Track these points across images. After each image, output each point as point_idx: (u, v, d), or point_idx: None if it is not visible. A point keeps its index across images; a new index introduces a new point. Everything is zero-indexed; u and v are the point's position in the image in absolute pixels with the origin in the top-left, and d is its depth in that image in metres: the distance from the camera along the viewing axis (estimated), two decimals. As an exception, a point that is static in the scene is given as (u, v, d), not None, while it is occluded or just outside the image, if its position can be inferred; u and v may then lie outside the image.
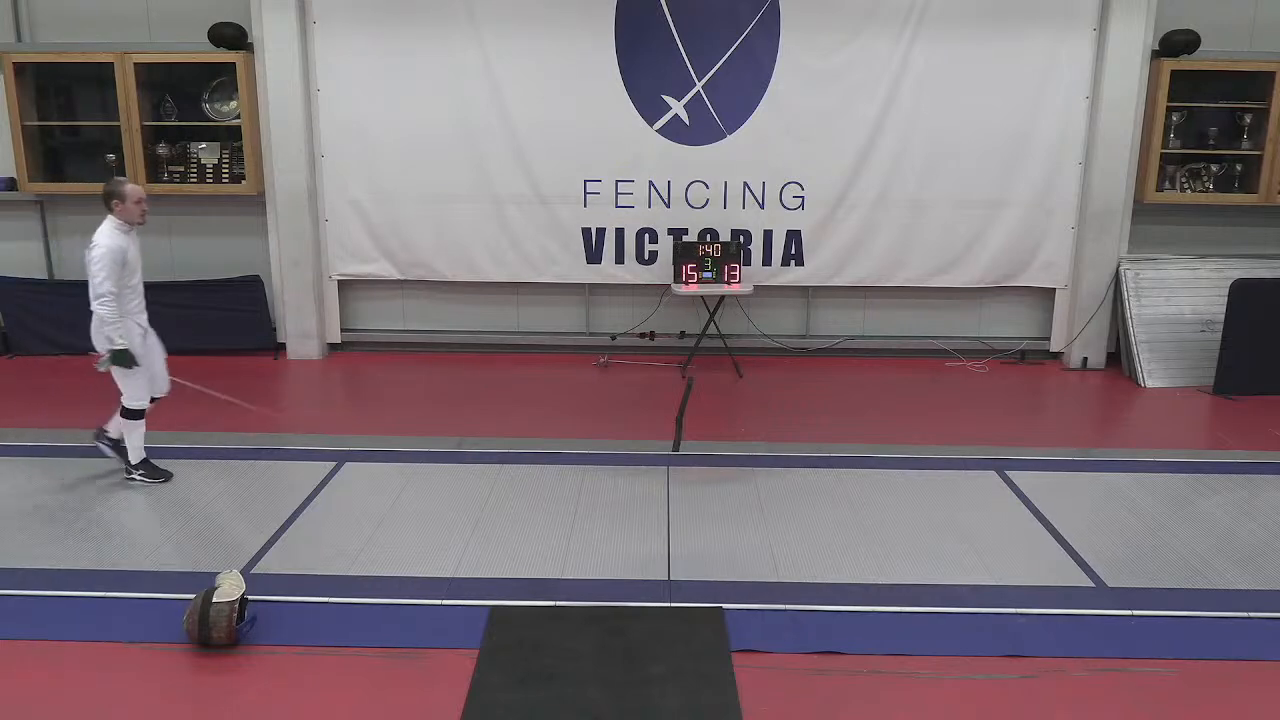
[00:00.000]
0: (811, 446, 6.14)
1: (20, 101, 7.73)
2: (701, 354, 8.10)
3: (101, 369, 5.21)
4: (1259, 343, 7.36)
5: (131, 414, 5.37)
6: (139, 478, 5.45)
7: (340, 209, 8.12)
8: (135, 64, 7.64)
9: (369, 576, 4.45)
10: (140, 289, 5.35)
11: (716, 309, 8.09)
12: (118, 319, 5.13)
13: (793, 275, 8.20)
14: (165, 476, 5.48)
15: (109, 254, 5.05)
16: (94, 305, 5.10)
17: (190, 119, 7.98)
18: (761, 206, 8.07)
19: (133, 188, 5.23)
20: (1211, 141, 7.97)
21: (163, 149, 7.98)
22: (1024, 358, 8.43)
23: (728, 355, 8.05)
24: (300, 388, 7.71)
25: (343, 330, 8.44)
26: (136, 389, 5.32)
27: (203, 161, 8.05)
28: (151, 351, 5.47)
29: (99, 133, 8.04)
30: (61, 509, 5.12)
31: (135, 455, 5.45)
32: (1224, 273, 7.79)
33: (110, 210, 5.20)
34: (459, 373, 7.95)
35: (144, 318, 5.41)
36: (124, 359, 5.17)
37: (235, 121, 7.89)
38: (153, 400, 5.50)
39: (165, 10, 7.89)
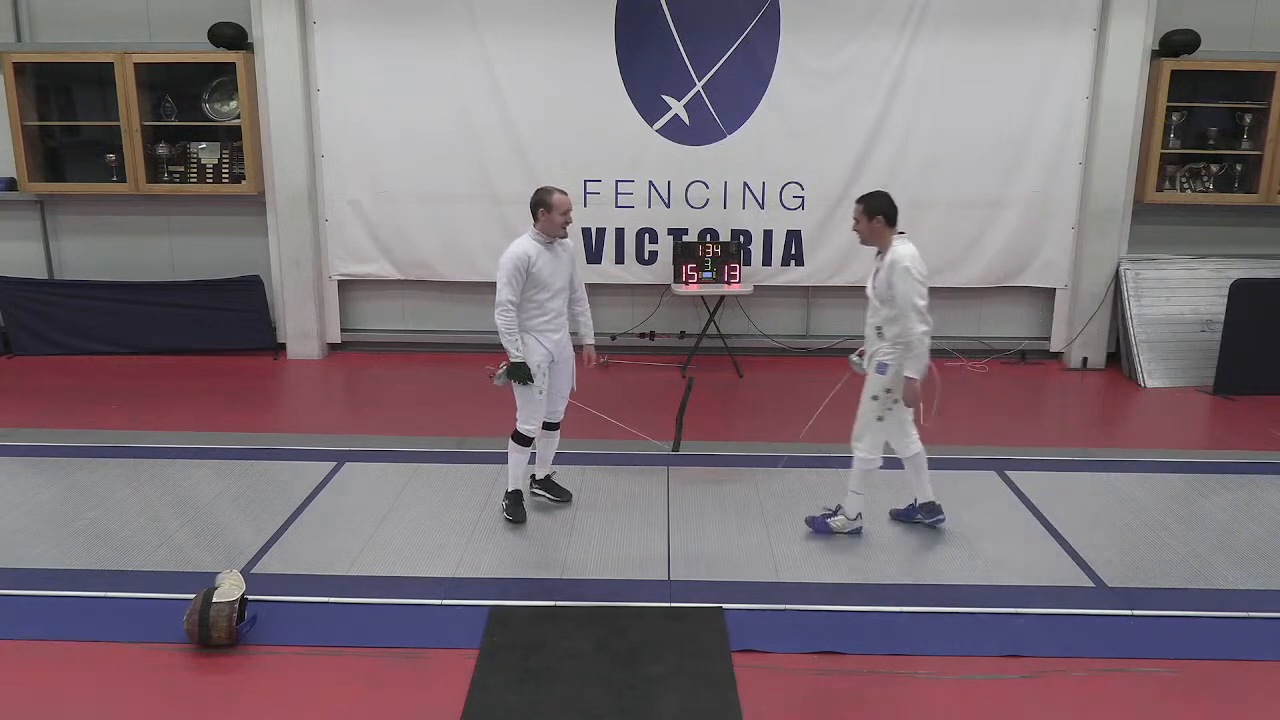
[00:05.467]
0: (812, 446, 6.13)
1: (20, 101, 7.73)
2: (701, 354, 8.10)
3: (497, 383, 4.82)
4: (1259, 343, 7.35)
5: (519, 438, 4.94)
6: (503, 507, 5.06)
7: (340, 209, 8.12)
8: (135, 64, 7.64)
9: (369, 576, 4.45)
10: (551, 306, 4.86)
11: (716, 309, 8.09)
12: (512, 331, 4.75)
13: (793, 275, 8.20)
14: (520, 518, 4.99)
15: (510, 261, 4.70)
16: (495, 312, 4.77)
17: (190, 119, 7.98)
18: (761, 206, 8.07)
19: (561, 197, 4.75)
20: (1211, 141, 7.96)
21: (163, 149, 7.97)
22: (1024, 358, 8.42)
23: (728, 355, 8.04)
24: (300, 388, 7.71)
25: (343, 330, 8.44)
26: (532, 412, 4.90)
27: (203, 161, 8.05)
28: (556, 377, 5.01)
29: (99, 133, 8.04)
30: (61, 509, 5.11)
31: (511, 482, 5.01)
32: (1224, 273, 7.79)
33: (536, 219, 4.80)
34: (459, 373, 7.95)
35: (555, 336, 4.90)
36: (520, 374, 4.77)
37: (235, 121, 7.88)
38: (547, 426, 5.12)
39: (165, 10, 7.89)
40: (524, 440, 4.96)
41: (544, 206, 4.76)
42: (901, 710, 3.56)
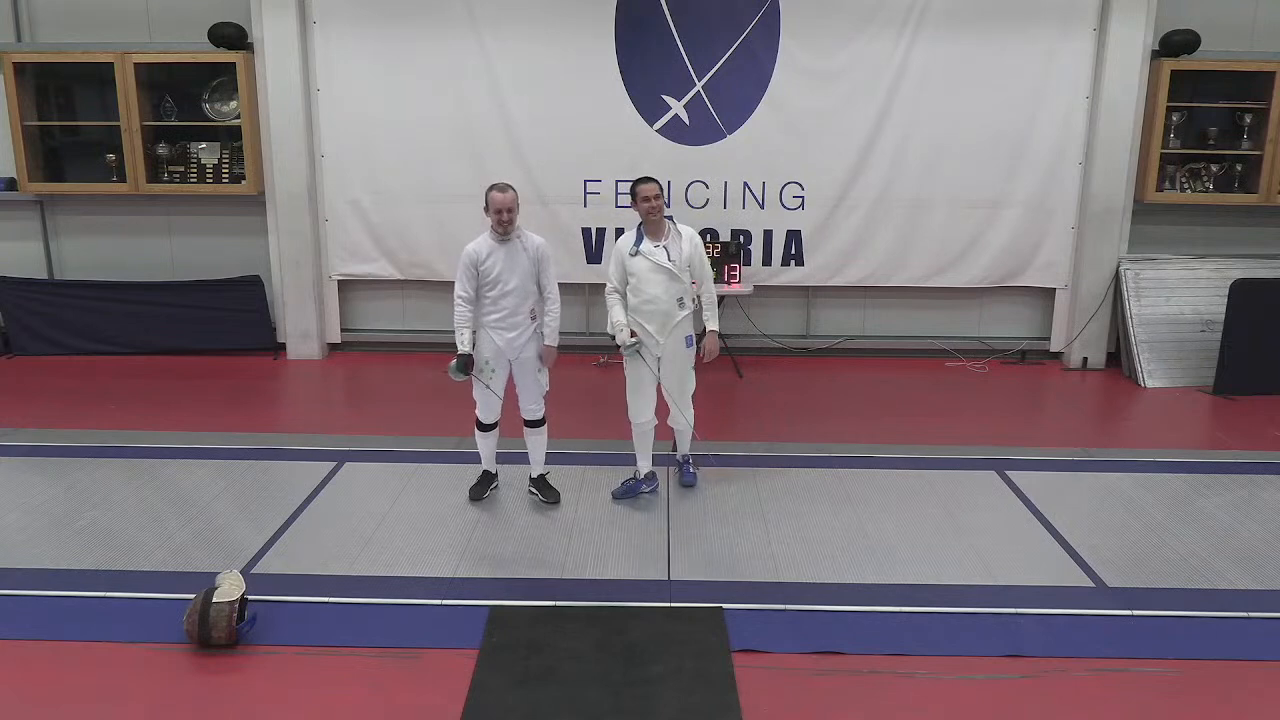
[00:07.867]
0: (811, 446, 6.14)
1: (20, 101, 7.73)
2: (701, 354, 8.09)
3: (451, 376, 4.95)
4: (1259, 343, 7.36)
5: (478, 425, 5.18)
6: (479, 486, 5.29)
7: (340, 209, 8.12)
8: (135, 64, 7.64)
9: (369, 576, 4.45)
10: (504, 304, 4.94)
11: (716, 309, 8.08)
12: (461, 325, 4.92)
13: (793, 275, 8.20)
14: (475, 496, 5.23)
15: (463, 257, 4.92)
16: None
17: (190, 119, 7.98)
18: (761, 206, 8.07)
19: (496, 195, 4.85)
20: (1211, 141, 7.97)
21: (163, 149, 7.98)
22: (1024, 358, 8.43)
23: (728, 355, 8.04)
24: (300, 388, 7.71)
25: (343, 330, 8.44)
26: (483, 402, 5.10)
27: (203, 161, 8.05)
28: (517, 374, 5.09)
29: (99, 133, 8.04)
30: (62, 509, 5.11)
31: (484, 464, 5.29)
32: (1224, 273, 7.79)
33: None
34: (459, 373, 7.93)
35: (508, 335, 4.97)
36: (460, 366, 4.92)
37: (235, 121, 7.89)
38: (530, 423, 5.18)
39: (165, 10, 7.89)
40: (481, 426, 5.20)
41: (485, 204, 4.90)
42: (901, 710, 3.56)
